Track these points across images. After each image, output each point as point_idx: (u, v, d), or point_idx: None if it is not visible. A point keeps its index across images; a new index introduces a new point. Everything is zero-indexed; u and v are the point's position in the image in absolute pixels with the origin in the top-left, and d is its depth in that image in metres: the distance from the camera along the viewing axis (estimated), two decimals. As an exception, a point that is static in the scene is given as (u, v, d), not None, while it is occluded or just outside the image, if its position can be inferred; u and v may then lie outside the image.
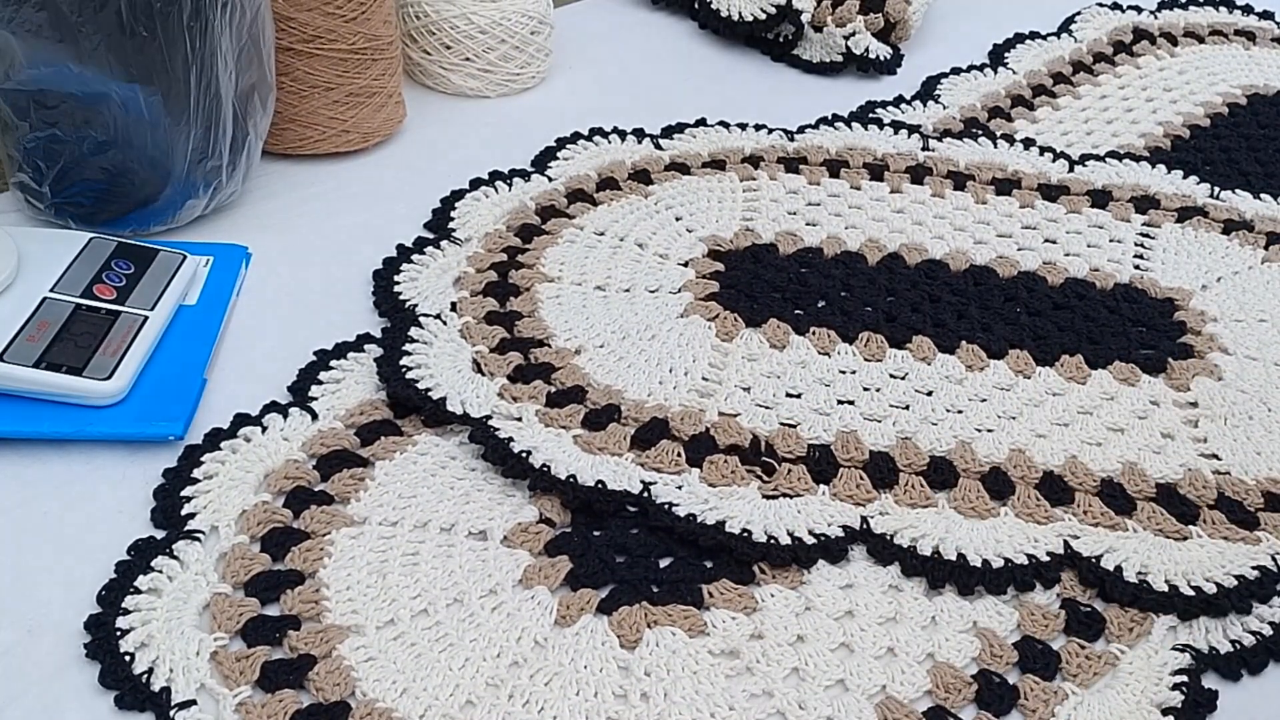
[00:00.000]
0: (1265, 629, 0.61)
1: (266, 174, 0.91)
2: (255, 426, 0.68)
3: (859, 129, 1.03)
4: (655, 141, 0.99)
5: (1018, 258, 0.89)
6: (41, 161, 0.79)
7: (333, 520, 0.63)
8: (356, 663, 0.56)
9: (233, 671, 0.55)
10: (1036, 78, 1.15)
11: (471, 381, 0.72)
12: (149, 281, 0.74)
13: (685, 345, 0.77)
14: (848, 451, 0.70)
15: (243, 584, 0.59)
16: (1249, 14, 1.32)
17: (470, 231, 0.87)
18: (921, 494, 0.68)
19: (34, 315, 0.70)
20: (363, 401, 0.71)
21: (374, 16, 0.90)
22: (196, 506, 0.63)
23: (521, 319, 0.78)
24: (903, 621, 0.61)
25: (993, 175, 0.98)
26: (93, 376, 0.67)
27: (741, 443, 0.70)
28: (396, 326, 0.76)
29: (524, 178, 0.93)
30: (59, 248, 0.75)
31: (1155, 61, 1.21)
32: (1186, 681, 0.58)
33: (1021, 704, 0.57)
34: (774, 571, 0.63)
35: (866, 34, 1.12)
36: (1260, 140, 1.08)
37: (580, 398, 0.72)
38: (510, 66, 1.04)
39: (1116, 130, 1.08)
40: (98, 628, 0.57)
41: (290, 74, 0.89)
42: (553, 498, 0.65)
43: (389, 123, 0.96)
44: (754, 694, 0.57)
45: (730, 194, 0.93)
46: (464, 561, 0.62)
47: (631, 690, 0.56)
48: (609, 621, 0.59)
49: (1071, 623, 0.61)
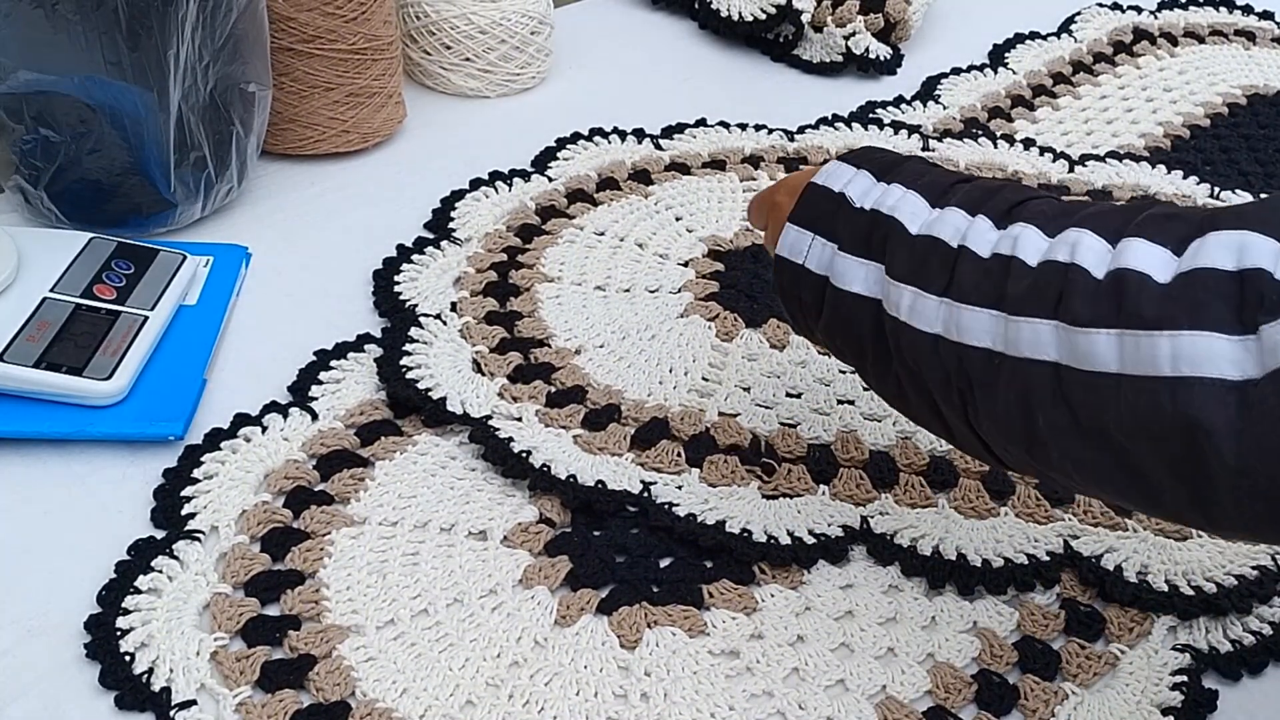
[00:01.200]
0: (1265, 629, 0.61)
1: (266, 174, 0.91)
2: (255, 426, 0.68)
3: (859, 129, 1.03)
4: (655, 141, 0.99)
5: (1018, 258, 0.88)
6: (38, 162, 0.79)
7: (333, 520, 0.63)
8: (356, 663, 0.56)
9: (233, 671, 0.55)
10: (1036, 78, 1.15)
11: (471, 381, 0.72)
12: (149, 281, 0.74)
13: (685, 345, 0.77)
14: (847, 451, 0.70)
15: (243, 584, 0.59)
16: (1249, 14, 1.32)
17: (470, 231, 0.87)
18: (921, 494, 0.68)
19: (34, 315, 0.70)
20: (363, 401, 0.71)
21: (374, 16, 0.90)
22: (196, 506, 0.63)
23: (521, 319, 0.78)
24: (903, 621, 0.61)
25: (993, 175, 0.98)
26: (93, 376, 0.67)
27: (741, 443, 0.70)
28: (396, 326, 0.76)
29: (524, 178, 0.93)
30: (59, 248, 0.75)
31: (1155, 61, 1.21)
32: (1186, 681, 0.58)
33: (1021, 704, 0.57)
34: (774, 571, 0.63)
35: (866, 34, 1.12)
36: (1260, 140, 1.08)
37: (580, 398, 0.72)
38: (510, 66, 1.04)
39: (1116, 130, 1.08)
40: (98, 628, 0.57)
41: (290, 74, 0.89)
42: (553, 498, 0.65)
43: (389, 123, 0.96)
44: (754, 694, 0.57)
45: (730, 194, 0.93)
46: (464, 561, 0.62)
47: (631, 690, 0.56)
48: (609, 621, 0.59)
49: (1071, 623, 0.61)
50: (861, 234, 0.54)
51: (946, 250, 0.51)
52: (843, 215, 0.55)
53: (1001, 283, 0.49)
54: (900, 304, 0.52)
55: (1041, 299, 0.47)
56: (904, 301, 0.52)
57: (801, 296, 0.57)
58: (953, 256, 0.51)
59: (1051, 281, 0.47)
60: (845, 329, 0.56)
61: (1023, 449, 0.49)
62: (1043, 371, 0.47)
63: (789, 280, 0.58)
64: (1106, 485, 0.48)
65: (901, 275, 0.52)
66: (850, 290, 0.54)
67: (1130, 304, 0.44)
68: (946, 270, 0.51)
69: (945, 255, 0.51)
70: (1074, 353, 0.46)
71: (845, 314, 0.55)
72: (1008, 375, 0.48)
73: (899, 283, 0.52)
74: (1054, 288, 0.47)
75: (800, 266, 0.57)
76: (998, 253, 0.50)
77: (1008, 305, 0.48)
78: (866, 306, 0.54)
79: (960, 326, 0.50)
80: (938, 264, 0.51)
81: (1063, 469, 0.49)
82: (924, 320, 0.51)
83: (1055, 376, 0.46)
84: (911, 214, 0.53)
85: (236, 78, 0.81)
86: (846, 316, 0.55)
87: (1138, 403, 0.44)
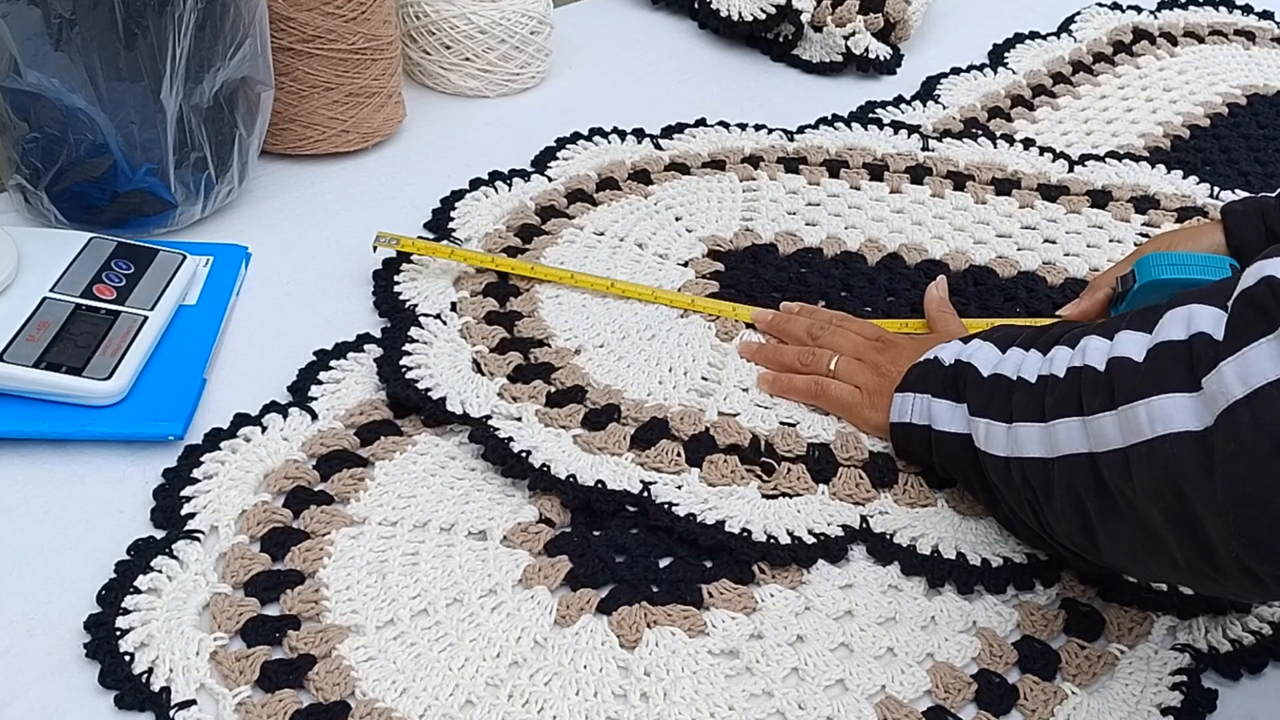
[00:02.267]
0: (1265, 629, 0.61)
1: (266, 174, 0.91)
2: (255, 426, 0.68)
3: (859, 129, 1.03)
4: (655, 141, 0.99)
5: (1017, 258, 0.89)
6: (38, 162, 0.79)
7: (333, 520, 0.63)
8: (356, 663, 0.56)
9: (233, 671, 0.55)
10: (1036, 78, 1.15)
11: (471, 381, 0.72)
12: (149, 281, 0.74)
13: (685, 345, 0.77)
14: (847, 451, 0.70)
15: (243, 584, 0.59)
16: (1249, 14, 1.32)
17: (470, 231, 0.87)
18: (921, 494, 0.68)
19: (34, 315, 0.70)
20: (363, 401, 0.71)
21: (374, 16, 0.90)
22: (196, 506, 0.63)
23: (521, 319, 0.78)
24: (902, 621, 0.61)
25: (992, 175, 0.98)
26: (93, 376, 0.67)
27: (741, 442, 0.70)
28: (396, 326, 0.76)
29: (524, 178, 0.93)
30: (59, 248, 0.75)
31: (1155, 61, 1.21)
32: (1186, 681, 0.58)
33: (1021, 704, 0.57)
34: (774, 571, 0.63)
35: (866, 34, 1.12)
36: (1260, 140, 1.08)
37: (580, 398, 0.72)
38: (510, 66, 1.04)
39: (1116, 130, 1.08)
40: (98, 628, 0.57)
41: (290, 74, 0.89)
42: (553, 498, 0.65)
43: (389, 123, 0.96)
44: (754, 694, 0.57)
45: (730, 194, 0.93)
46: (464, 561, 0.62)
47: (631, 690, 0.56)
48: (609, 621, 0.59)
49: (1071, 622, 0.61)
50: (949, 382, 0.64)
51: (1008, 384, 0.60)
52: (933, 372, 0.66)
53: (1042, 398, 0.57)
54: (979, 434, 0.61)
55: (1067, 401, 0.55)
56: (980, 431, 0.61)
57: (914, 448, 0.67)
58: (1011, 388, 0.59)
59: (1072, 385, 0.55)
60: (952, 464, 0.65)
61: (1086, 540, 0.56)
62: (1081, 463, 0.54)
63: (902, 439, 0.67)
64: (1142, 559, 0.54)
65: (977, 411, 0.61)
66: (945, 430, 0.64)
67: (1120, 385, 0.52)
68: (1008, 400, 0.59)
69: (1006, 388, 0.60)
70: (1097, 438, 0.53)
71: (946, 451, 0.64)
72: (1057, 474, 0.55)
73: (976, 417, 0.61)
74: (1074, 389, 0.55)
75: (909, 424, 0.66)
76: (1041, 374, 0.58)
77: (1048, 414, 0.56)
78: (961, 443, 0.63)
79: (1019, 443, 0.58)
80: (1001, 397, 0.60)
81: (1113, 554, 0.55)
82: (997, 446, 0.59)
83: (1091, 465, 0.53)
84: (985, 360, 0.63)
85: (237, 78, 0.81)
86: (947, 453, 0.64)
87: (1139, 468, 0.51)
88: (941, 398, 0.64)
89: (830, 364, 0.73)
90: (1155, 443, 0.50)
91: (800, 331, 0.76)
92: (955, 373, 0.64)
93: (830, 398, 0.72)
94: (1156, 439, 0.49)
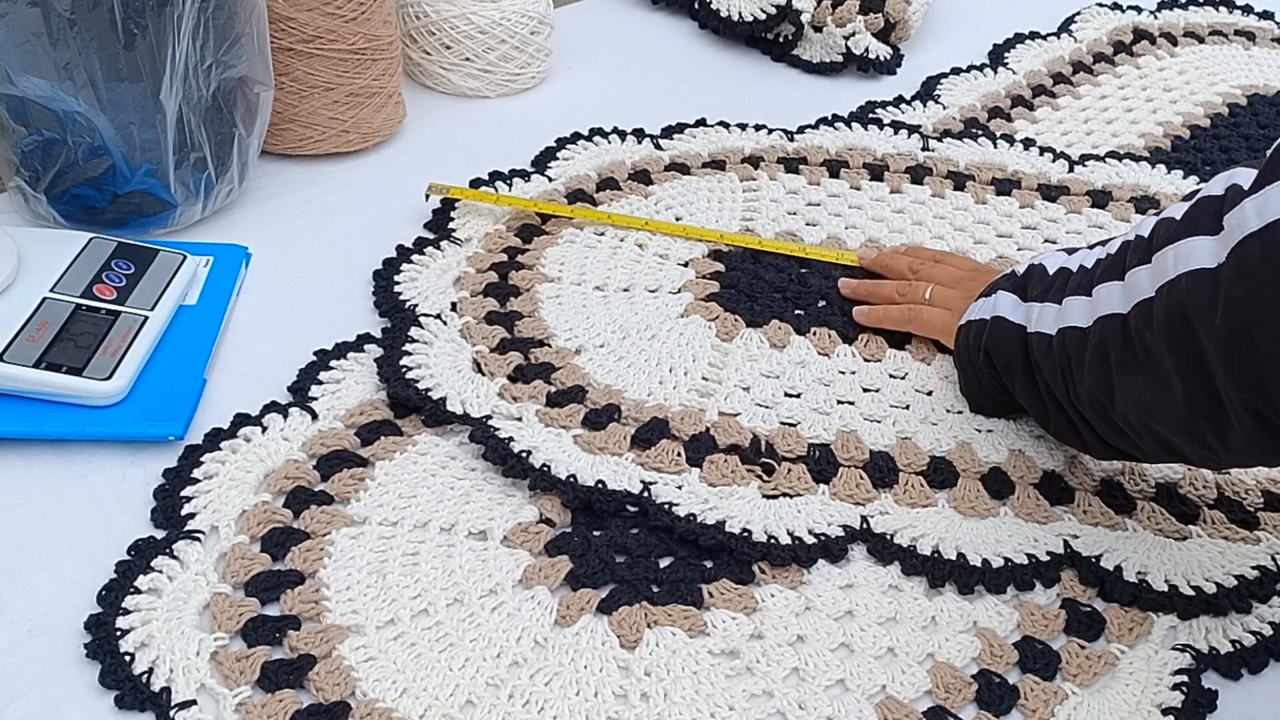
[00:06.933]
0: (1265, 629, 0.61)
1: (266, 174, 0.91)
2: (255, 426, 0.68)
3: (859, 129, 1.03)
4: (655, 141, 0.99)
5: (1018, 258, 0.89)
6: (38, 164, 0.79)
7: (333, 520, 0.63)
8: (356, 663, 0.56)
9: (233, 671, 0.55)
10: (1036, 78, 1.15)
11: (471, 381, 0.72)
12: (149, 282, 0.74)
13: (685, 345, 0.77)
14: (848, 451, 0.70)
15: (243, 584, 0.59)
16: (1249, 14, 1.32)
17: (470, 231, 0.87)
18: (921, 494, 0.68)
19: (34, 315, 0.70)
20: (363, 401, 0.71)
21: (374, 16, 0.90)
22: (196, 506, 0.63)
23: (521, 319, 0.78)
24: (902, 621, 0.61)
25: (993, 175, 0.98)
26: (93, 376, 0.67)
27: (741, 442, 0.70)
28: (396, 326, 0.76)
29: (524, 178, 0.93)
30: (59, 248, 0.75)
31: (1155, 61, 1.21)
32: (1186, 681, 0.58)
33: (1021, 704, 0.57)
34: (774, 571, 0.63)
35: (866, 34, 1.12)
36: (1260, 140, 1.08)
37: (580, 398, 0.72)
38: (510, 66, 1.04)
39: (1116, 130, 1.08)
40: (98, 628, 0.57)
41: (290, 74, 0.89)
42: (553, 498, 0.65)
43: (389, 123, 0.96)
44: (754, 694, 0.57)
45: (730, 194, 0.93)
46: (464, 561, 0.62)
47: (631, 690, 0.56)
48: (609, 621, 0.59)
49: (1071, 623, 0.61)
50: (1019, 282, 0.68)
51: (1068, 273, 0.64)
52: (1007, 277, 0.70)
53: (1092, 273, 0.61)
54: (1032, 319, 0.65)
55: (1113, 268, 0.59)
56: (1034, 315, 0.65)
57: (969, 343, 0.70)
58: (1070, 275, 0.64)
59: (1120, 254, 0.60)
60: (997, 349, 0.67)
61: (1105, 397, 0.59)
62: (1114, 322, 0.58)
63: (962, 337, 0.71)
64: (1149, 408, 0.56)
65: (1036, 297, 0.65)
66: (1004, 317, 0.67)
67: (1157, 238, 0.56)
68: (1065, 285, 0.63)
69: (1066, 275, 0.64)
70: (1131, 293, 0.57)
71: (999, 337, 0.67)
72: (1092, 336, 0.59)
73: (1033, 303, 0.65)
74: (1121, 257, 0.59)
75: (971, 320, 0.70)
76: (1099, 258, 0.62)
77: (1094, 284, 0.60)
78: (1014, 331, 0.66)
79: (1065, 315, 0.62)
80: (1059, 283, 0.64)
81: (1124, 405, 0.58)
82: (1047, 324, 0.63)
83: (1122, 324, 0.57)
84: (1052, 260, 0.67)
85: (236, 78, 0.81)
86: (998, 340, 0.67)
87: (1159, 309, 0.54)
88: (1010, 291, 0.68)
89: (926, 294, 0.76)
90: (1175, 280, 0.53)
91: (902, 266, 0.81)
92: (1027, 273, 0.68)
93: (923, 322, 0.76)
94: (1178, 277, 0.53)
